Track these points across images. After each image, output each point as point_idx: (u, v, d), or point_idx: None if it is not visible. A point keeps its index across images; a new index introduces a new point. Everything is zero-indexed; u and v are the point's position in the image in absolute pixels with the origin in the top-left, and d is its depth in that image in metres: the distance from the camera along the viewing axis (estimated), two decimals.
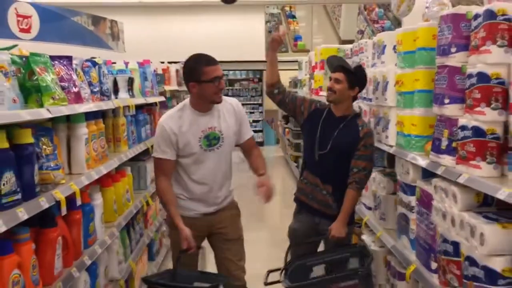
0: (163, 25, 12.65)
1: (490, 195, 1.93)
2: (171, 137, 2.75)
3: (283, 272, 2.87)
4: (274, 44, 3.16)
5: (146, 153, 4.08)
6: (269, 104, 13.33)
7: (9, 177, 1.87)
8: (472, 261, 1.97)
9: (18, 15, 9.38)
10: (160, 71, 5.06)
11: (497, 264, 1.84)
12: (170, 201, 2.81)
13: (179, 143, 2.76)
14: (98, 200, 2.80)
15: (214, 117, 2.82)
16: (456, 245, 2.13)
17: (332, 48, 5.53)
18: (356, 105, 3.89)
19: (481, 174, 1.99)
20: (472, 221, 1.95)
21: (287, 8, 15.86)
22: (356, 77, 3.09)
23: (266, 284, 2.89)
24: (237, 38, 11.96)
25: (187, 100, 2.87)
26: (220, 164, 2.88)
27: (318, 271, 3.03)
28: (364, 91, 3.51)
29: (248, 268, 3.01)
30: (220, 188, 2.90)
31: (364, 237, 3.63)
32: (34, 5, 9.36)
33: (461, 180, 2.05)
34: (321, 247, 3.35)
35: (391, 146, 3.02)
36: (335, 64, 3.17)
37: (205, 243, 3.08)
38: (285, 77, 10.64)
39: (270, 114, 14.30)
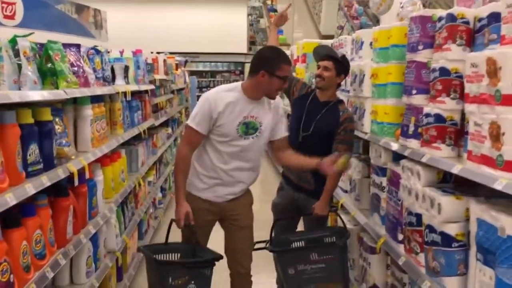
0: (147, 16, 12.80)
1: (449, 172, 2.26)
2: (212, 113, 2.74)
3: (268, 243, 3.14)
4: (282, 21, 3.55)
5: (138, 137, 4.34)
6: None
7: (34, 149, 2.13)
8: (431, 229, 2.31)
9: (2, 2, 9.45)
10: (150, 61, 5.30)
11: (452, 230, 2.17)
12: (183, 170, 2.83)
13: (218, 120, 2.75)
14: (99, 177, 3.07)
15: (259, 108, 2.84)
16: (419, 216, 2.46)
17: (313, 43, 5.84)
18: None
19: (441, 154, 2.33)
20: (432, 194, 2.28)
21: (269, 2, 16.12)
22: (342, 66, 3.30)
23: (253, 250, 3.11)
24: (219, 30, 12.20)
25: (238, 84, 2.90)
26: (251, 154, 2.88)
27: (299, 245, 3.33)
28: (342, 83, 3.84)
29: None
30: (243, 176, 2.92)
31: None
32: None
33: (424, 159, 2.39)
34: (300, 224, 3.65)
35: (366, 133, 3.34)
36: (323, 53, 3.36)
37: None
38: None
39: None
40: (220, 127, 2.77)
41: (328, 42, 5.36)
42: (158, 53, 6.60)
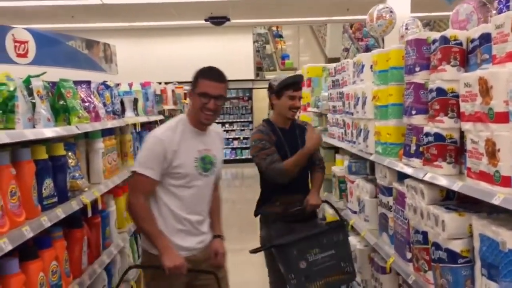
0: (154, 47, 13.09)
1: (452, 190, 2.31)
2: (166, 153, 2.42)
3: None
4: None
5: None
6: (258, 120, 13.77)
7: (48, 183, 2.23)
8: (437, 246, 2.34)
9: (15, 41, 9.76)
10: (158, 92, 5.45)
11: (457, 246, 2.21)
12: (148, 218, 2.43)
13: (174, 160, 2.44)
14: (112, 207, 3.16)
15: (209, 139, 2.61)
16: (425, 234, 2.50)
17: (318, 67, 5.98)
18: (340, 118, 4.31)
19: (442, 172, 2.38)
20: (436, 212, 2.33)
21: (274, 28, 16.39)
22: None
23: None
24: (226, 58, 12.39)
25: (182, 115, 2.64)
26: (206, 195, 2.62)
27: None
28: (346, 105, 3.93)
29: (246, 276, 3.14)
30: (204, 221, 2.64)
31: (350, 238, 4.00)
32: (30, 30, 9.75)
33: (426, 178, 2.44)
34: None
35: (371, 154, 3.40)
36: (298, 81, 3.43)
37: None
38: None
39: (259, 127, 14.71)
40: (177, 167, 2.45)
41: (332, 66, 5.47)
42: (166, 83, 6.76)
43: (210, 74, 2.52)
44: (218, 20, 10.66)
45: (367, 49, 12.33)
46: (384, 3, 5.63)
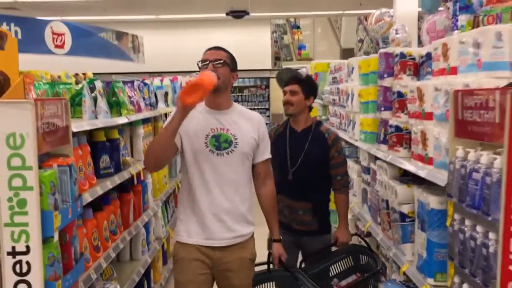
0: (178, 38, 13.91)
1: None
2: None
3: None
4: None
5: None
6: (275, 108, 14.55)
7: (105, 158, 3.07)
8: (393, 210, 3.13)
9: (53, 33, 10.71)
10: (184, 84, 6.27)
11: (405, 209, 2.99)
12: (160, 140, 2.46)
13: (183, 134, 2.52)
14: (149, 179, 4.01)
15: (230, 120, 2.61)
16: (387, 202, 3.29)
17: (324, 63, 6.70)
18: (337, 110, 5.07)
19: (400, 155, 3.15)
20: (392, 184, 3.11)
21: (292, 19, 17.04)
22: (309, 87, 3.25)
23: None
24: (245, 48, 13.11)
25: None
26: (230, 175, 2.56)
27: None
28: (341, 99, 4.70)
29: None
30: (226, 201, 2.55)
31: None
32: (66, 23, 10.67)
33: (388, 159, 3.22)
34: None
35: (356, 140, 4.18)
36: (289, 76, 3.28)
37: None
38: None
39: (276, 118, 15.50)
40: (188, 138, 2.53)
41: (335, 62, 6.19)
42: (184, 72, 7.53)
43: (210, 48, 2.68)
44: (238, 14, 11.41)
45: (382, 41, 12.89)
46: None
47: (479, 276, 1.82)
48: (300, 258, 3.50)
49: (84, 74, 3.80)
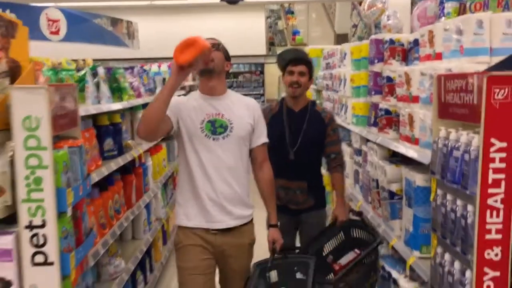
0: (173, 24, 13.93)
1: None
2: (179, 104, 2.61)
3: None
4: None
5: None
6: (270, 93, 14.66)
7: (109, 141, 3.22)
8: (383, 189, 3.30)
9: (48, 19, 10.74)
10: None
11: (393, 188, 3.16)
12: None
13: (180, 118, 2.58)
14: (149, 162, 4.16)
15: (225, 105, 2.66)
16: (377, 181, 3.46)
17: (318, 49, 6.83)
18: (331, 94, 5.22)
19: (389, 137, 3.31)
20: (382, 164, 3.28)
21: (286, 5, 17.06)
22: (312, 68, 3.32)
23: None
24: (240, 34, 13.18)
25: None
26: (225, 158, 2.60)
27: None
28: (334, 84, 4.85)
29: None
30: (224, 186, 2.60)
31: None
32: (62, 9, 10.70)
33: (378, 141, 3.39)
34: None
35: (349, 124, 4.34)
36: (299, 56, 3.25)
37: None
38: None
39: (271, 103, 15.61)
40: (183, 127, 2.59)
41: (328, 48, 6.32)
42: None
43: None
44: (232, 0, 11.47)
45: (375, 27, 12.97)
46: None
47: (459, 246, 1.99)
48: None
49: (83, 60, 3.92)
